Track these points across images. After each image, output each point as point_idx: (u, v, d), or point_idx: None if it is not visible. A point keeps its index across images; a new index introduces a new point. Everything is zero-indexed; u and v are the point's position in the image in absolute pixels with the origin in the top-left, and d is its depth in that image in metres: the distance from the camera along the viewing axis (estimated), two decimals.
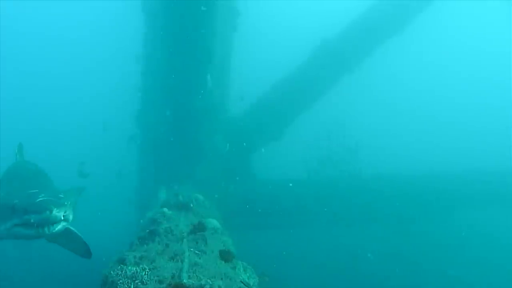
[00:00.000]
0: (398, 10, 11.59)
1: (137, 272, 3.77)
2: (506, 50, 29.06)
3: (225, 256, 4.68)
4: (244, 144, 10.11)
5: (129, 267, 3.87)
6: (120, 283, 3.60)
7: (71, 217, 4.30)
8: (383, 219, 10.49)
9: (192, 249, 4.56)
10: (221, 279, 3.88)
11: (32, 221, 3.97)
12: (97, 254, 5.09)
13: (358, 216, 10.18)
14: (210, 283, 3.65)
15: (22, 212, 4.03)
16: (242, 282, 4.03)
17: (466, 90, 32.17)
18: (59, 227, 4.19)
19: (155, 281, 3.64)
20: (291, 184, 10.17)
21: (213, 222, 6.04)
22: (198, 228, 5.39)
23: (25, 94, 31.07)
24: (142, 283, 3.61)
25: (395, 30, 11.70)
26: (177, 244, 4.72)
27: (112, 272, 3.80)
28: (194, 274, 3.80)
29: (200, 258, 4.32)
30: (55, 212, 4.00)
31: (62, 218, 4.11)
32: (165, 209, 6.29)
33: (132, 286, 3.57)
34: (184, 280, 3.60)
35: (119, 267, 3.89)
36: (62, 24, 33.54)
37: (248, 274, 4.66)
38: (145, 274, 3.74)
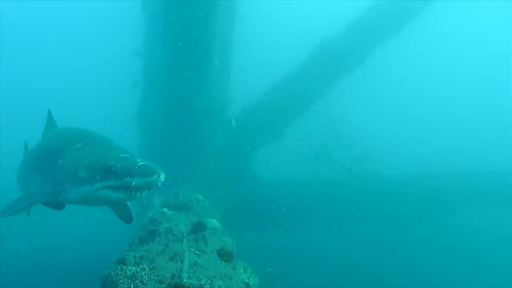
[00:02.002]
0: (397, 10, 11.59)
1: (137, 272, 3.77)
2: (506, 50, 29.07)
3: (225, 256, 4.68)
4: (245, 144, 10.12)
5: (129, 267, 3.87)
6: (120, 283, 3.60)
7: None
8: (383, 219, 10.49)
9: (192, 249, 4.56)
10: (221, 279, 3.88)
11: (133, 184, 3.65)
12: (97, 254, 5.07)
13: (358, 215, 10.17)
14: (210, 283, 3.66)
15: (125, 174, 3.67)
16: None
17: (466, 90, 32.18)
18: (147, 192, 3.89)
19: (155, 281, 3.64)
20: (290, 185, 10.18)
21: (213, 222, 6.05)
22: (198, 228, 5.39)
23: (25, 93, 31.08)
24: (142, 283, 3.61)
25: (394, 30, 11.70)
26: (177, 244, 4.71)
27: (112, 272, 3.79)
28: (194, 274, 3.80)
29: (200, 258, 4.32)
30: (161, 176, 3.73)
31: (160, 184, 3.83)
32: (165, 209, 6.30)
33: (132, 286, 3.57)
34: (184, 280, 3.60)
35: (119, 267, 3.88)
36: (63, 24, 33.56)
37: (248, 274, 4.66)
38: (145, 274, 3.74)
